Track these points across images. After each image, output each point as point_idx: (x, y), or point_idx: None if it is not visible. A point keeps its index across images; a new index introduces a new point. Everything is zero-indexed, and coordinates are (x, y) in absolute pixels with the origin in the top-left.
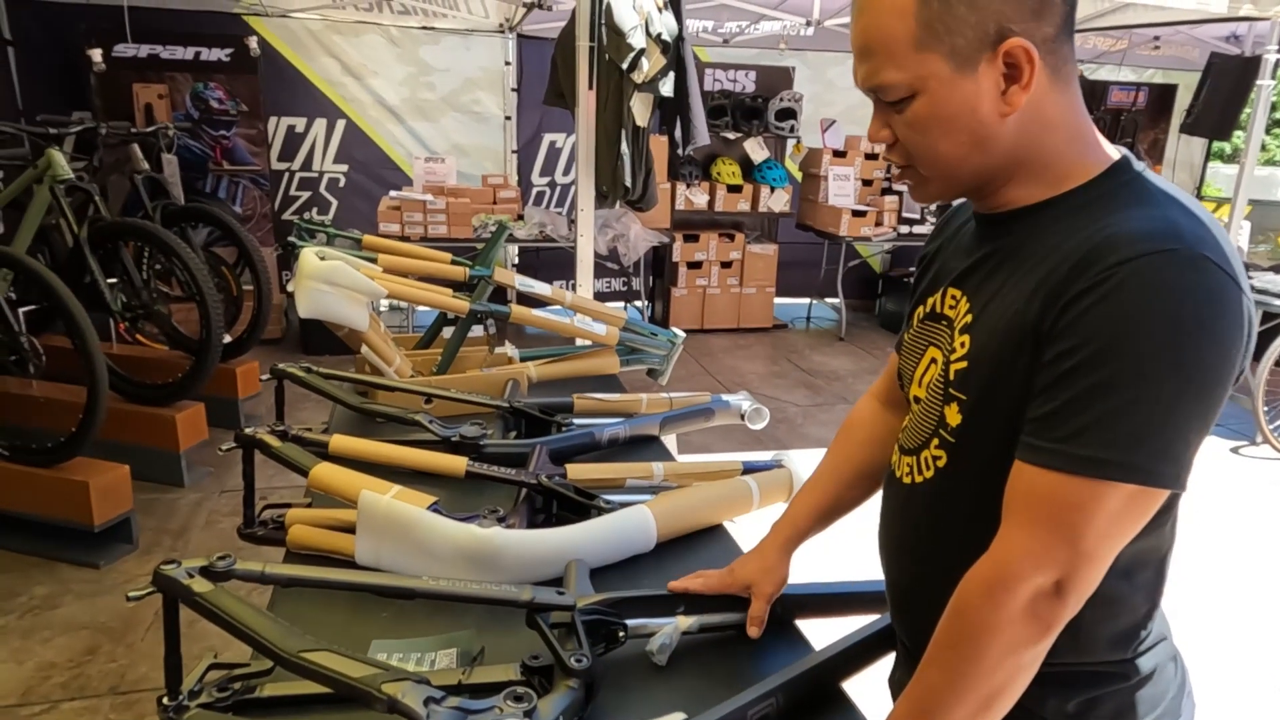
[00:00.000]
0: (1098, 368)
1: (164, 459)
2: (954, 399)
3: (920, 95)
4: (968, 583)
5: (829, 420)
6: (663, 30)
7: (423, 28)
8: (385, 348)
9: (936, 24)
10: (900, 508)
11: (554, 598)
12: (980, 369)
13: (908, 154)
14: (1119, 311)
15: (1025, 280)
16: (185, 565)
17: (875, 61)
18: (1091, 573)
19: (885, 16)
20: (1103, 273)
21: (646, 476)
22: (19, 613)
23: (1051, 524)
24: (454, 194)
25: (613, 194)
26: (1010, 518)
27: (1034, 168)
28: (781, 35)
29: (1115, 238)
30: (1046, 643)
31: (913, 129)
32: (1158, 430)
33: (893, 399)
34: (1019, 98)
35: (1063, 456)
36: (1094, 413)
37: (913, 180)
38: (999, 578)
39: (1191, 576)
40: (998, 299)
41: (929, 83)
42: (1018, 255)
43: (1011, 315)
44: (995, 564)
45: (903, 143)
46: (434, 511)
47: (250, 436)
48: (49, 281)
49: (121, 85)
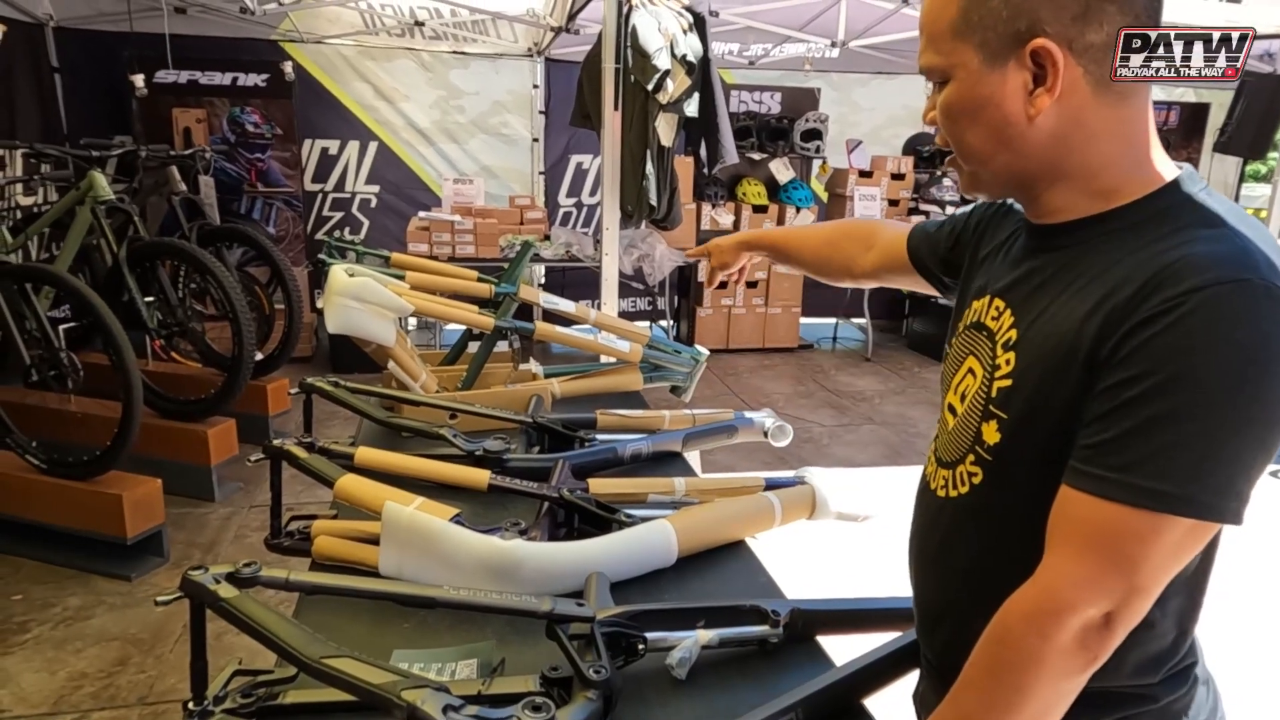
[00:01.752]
0: (1161, 398)
1: (195, 473)
2: (993, 416)
3: (952, 82)
4: (1011, 609)
5: (855, 440)
6: (687, 52)
7: (453, 52)
8: (411, 363)
9: (973, 14)
10: (933, 522)
11: (574, 609)
12: (1025, 388)
13: (945, 140)
14: (1187, 342)
15: (1078, 300)
16: (212, 571)
17: (924, 41)
18: (1142, 605)
19: (938, 1)
20: (1171, 300)
21: (668, 492)
22: (53, 623)
23: (1106, 555)
24: (482, 214)
25: (637, 213)
26: (1058, 545)
27: (1077, 177)
28: (806, 57)
29: (1184, 263)
30: (1090, 673)
31: (945, 115)
32: (1223, 465)
33: (881, 249)
34: (1043, 101)
35: (1122, 487)
36: (1157, 444)
37: (955, 167)
38: (1047, 607)
39: (1228, 602)
40: (1046, 317)
41: (958, 71)
42: (1068, 272)
43: (1062, 336)
44: (1043, 592)
45: (942, 128)
46: (457, 523)
47: (278, 448)
48: (89, 300)
49: (162, 110)
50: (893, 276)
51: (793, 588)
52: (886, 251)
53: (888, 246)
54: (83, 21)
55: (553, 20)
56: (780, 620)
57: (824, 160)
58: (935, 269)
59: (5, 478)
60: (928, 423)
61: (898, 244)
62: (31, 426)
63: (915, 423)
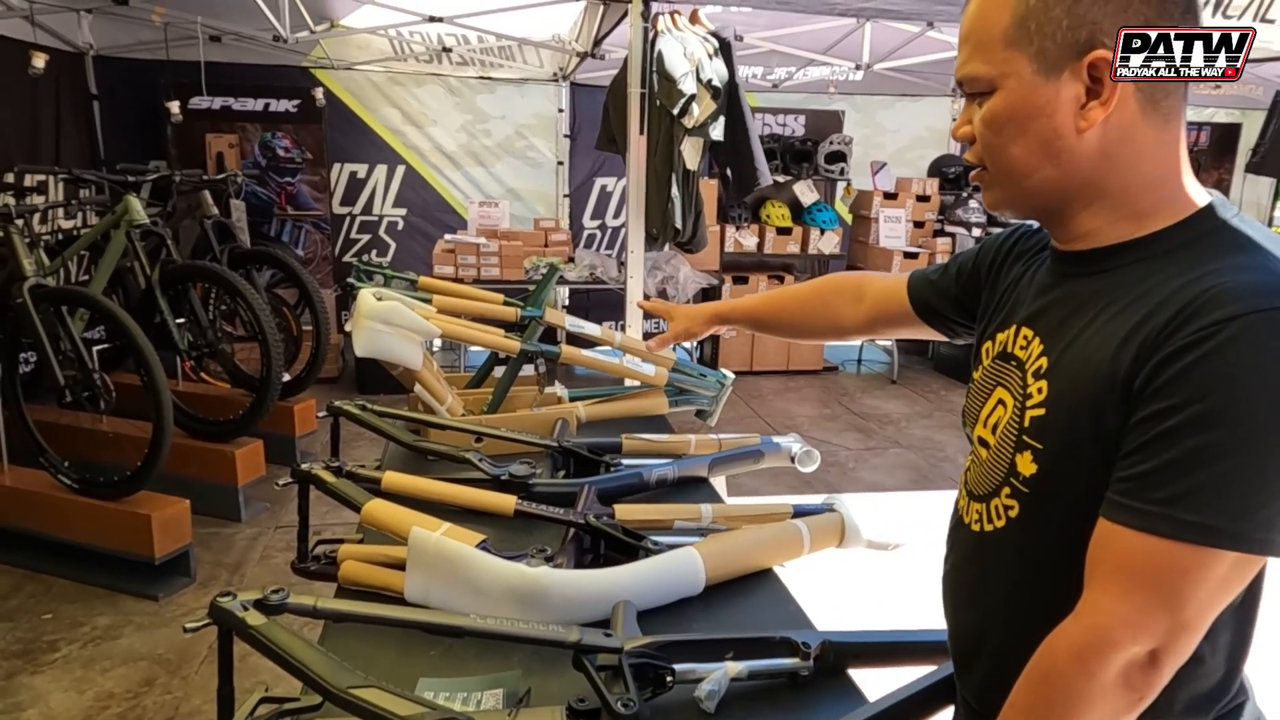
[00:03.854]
0: (1204, 429)
1: (222, 493)
2: (1028, 447)
3: (999, 92)
4: (1055, 647)
5: (881, 464)
6: (713, 76)
7: (480, 78)
8: (438, 386)
9: (1030, 22)
10: (969, 556)
11: (601, 639)
12: (1059, 417)
13: (982, 153)
14: (1228, 370)
15: (1111, 327)
16: (240, 598)
17: (967, 50)
18: (1190, 641)
19: (986, 7)
20: (1209, 328)
21: (695, 518)
22: (81, 642)
23: (1151, 590)
24: (506, 237)
25: (663, 236)
26: (1100, 581)
27: (1115, 198)
28: (830, 79)
29: (1222, 290)
30: (1137, 713)
31: (988, 126)
32: (1270, 497)
33: (873, 301)
34: (1096, 114)
35: (1166, 521)
36: (1200, 476)
37: (983, 183)
38: (1091, 645)
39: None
40: (1078, 345)
41: (1009, 80)
42: (1100, 298)
43: (1097, 364)
44: (1087, 630)
45: (980, 141)
46: (483, 549)
47: (306, 472)
48: (123, 322)
49: (195, 135)
50: (888, 327)
51: (822, 618)
52: (882, 302)
53: (882, 297)
54: (122, 50)
55: (578, 46)
56: (811, 652)
57: (848, 182)
58: (946, 311)
59: (39, 497)
60: (955, 447)
61: (895, 293)
62: (64, 446)
63: (943, 446)
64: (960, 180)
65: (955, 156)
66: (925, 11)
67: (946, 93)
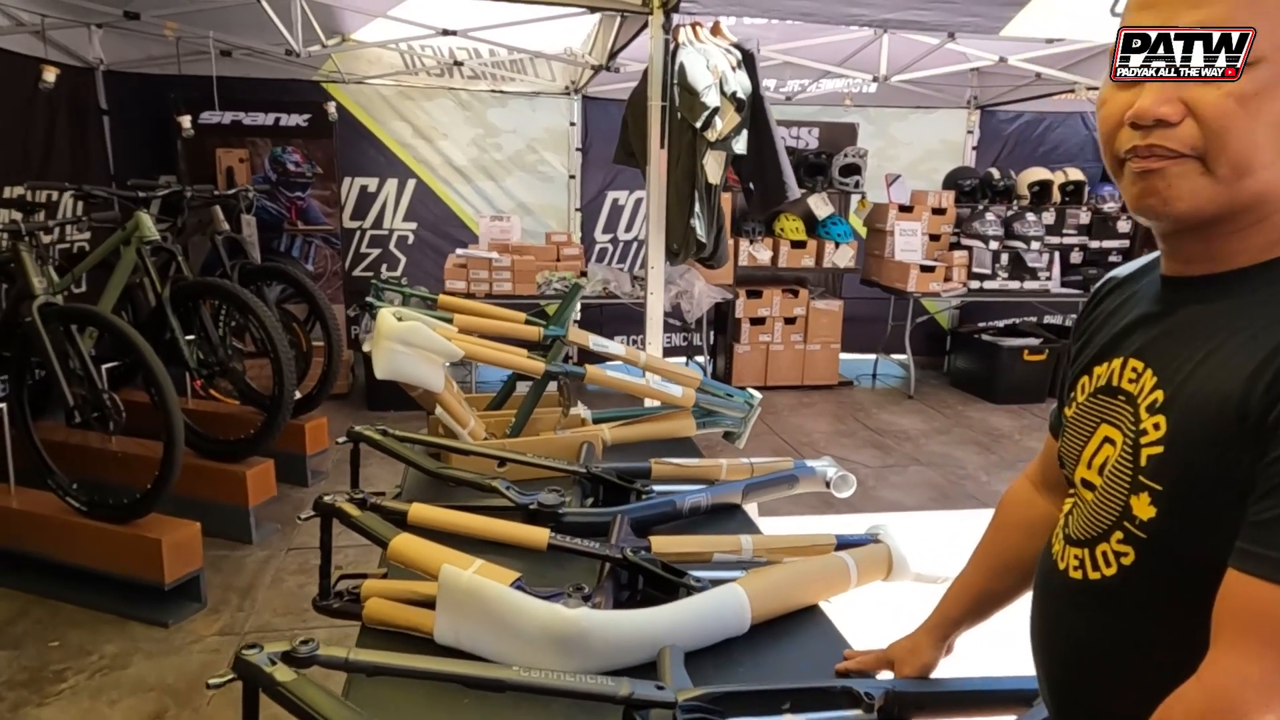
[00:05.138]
0: None
1: (233, 515)
2: (1145, 488)
3: (1263, 65)
4: (1174, 712)
5: (901, 483)
6: (737, 89)
7: (491, 91)
8: (460, 409)
9: None
10: (1068, 605)
11: (654, 693)
12: (1180, 455)
13: (1208, 139)
14: None
15: (1237, 358)
16: (267, 650)
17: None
18: None
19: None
20: None
21: (735, 551)
22: (89, 672)
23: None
24: (518, 251)
25: (684, 251)
26: (1227, 638)
27: (1276, 219)
28: (846, 92)
29: None
30: None
31: (1241, 103)
32: None
33: (1050, 481)
34: None
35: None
36: None
37: (1176, 175)
38: (1215, 711)
39: None
40: (1199, 376)
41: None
42: (1225, 326)
43: (1224, 396)
44: (1210, 694)
45: (1206, 119)
46: (517, 588)
47: (329, 505)
48: (133, 340)
49: (206, 150)
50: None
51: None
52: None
53: (1050, 471)
54: (132, 65)
55: (592, 59)
56: (874, 703)
57: (863, 195)
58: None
59: (46, 520)
60: (975, 464)
61: (1052, 456)
62: (72, 467)
63: (963, 464)
64: (976, 193)
65: (971, 169)
66: (949, 22)
67: (961, 105)
